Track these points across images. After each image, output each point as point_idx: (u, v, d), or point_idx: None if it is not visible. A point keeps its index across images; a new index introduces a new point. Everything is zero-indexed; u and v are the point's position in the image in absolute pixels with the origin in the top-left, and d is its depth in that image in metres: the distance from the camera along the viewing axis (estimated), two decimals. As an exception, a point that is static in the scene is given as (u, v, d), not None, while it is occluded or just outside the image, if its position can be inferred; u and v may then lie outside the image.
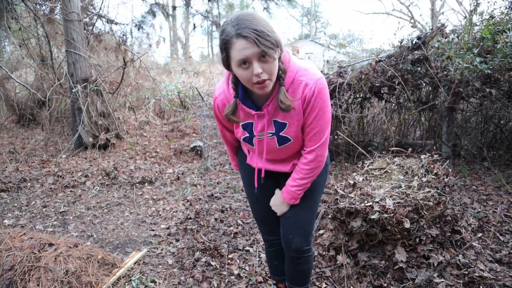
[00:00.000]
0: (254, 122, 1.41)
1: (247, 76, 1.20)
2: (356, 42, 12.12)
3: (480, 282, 1.88)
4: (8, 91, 6.80)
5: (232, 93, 1.36)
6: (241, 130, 1.46)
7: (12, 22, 5.62)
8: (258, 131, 1.42)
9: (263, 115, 1.38)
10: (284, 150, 1.47)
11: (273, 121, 1.40)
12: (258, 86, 1.22)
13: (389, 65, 3.96)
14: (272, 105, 1.35)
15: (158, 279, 2.19)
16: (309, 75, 1.31)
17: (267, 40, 1.14)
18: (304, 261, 1.61)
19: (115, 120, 5.34)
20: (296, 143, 1.45)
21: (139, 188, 3.86)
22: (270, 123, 1.40)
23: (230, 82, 1.38)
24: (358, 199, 2.12)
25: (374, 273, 2.02)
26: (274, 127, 1.40)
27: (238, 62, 1.18)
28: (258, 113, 1.37)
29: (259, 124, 1.41)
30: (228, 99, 1.39)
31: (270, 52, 1.16)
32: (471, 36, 3.73)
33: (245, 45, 1.14)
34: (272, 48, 1.16)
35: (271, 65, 1.19)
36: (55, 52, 6.13)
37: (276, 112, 1.37)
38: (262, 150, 1.47)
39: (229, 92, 1.39)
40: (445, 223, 2.13)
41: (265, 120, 1.38)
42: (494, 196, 3.17)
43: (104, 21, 6.79)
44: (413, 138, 4.78)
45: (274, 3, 7.82)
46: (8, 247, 2.10)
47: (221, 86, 1.44)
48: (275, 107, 1.35)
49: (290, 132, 1.40)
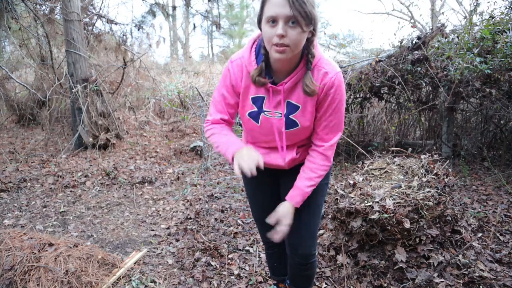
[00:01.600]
0: (265, 97, 1.35)
1: (270, 34, 1.17)
2: (356, 42, 12.15)
3: (480, 282, 1.88)
4: (8, 91, 6.80)
5: (253, 60, 1.32)
6: (250, 103, 1.38)
7: (12, 22, 5.62)
8: (268, 107, 1.36)
9: (278, 92, 1.32)
10: (288, 136, 1.41)
11: (286, 102, 1.34)
12: (276, 48, 1.18)
13: (389, 65, 3.96)
14: (290, 84, 1.31)
15: (158, 279, 2.19)
16: (331, 66, 1.30)
17: (302, 7, 1.12)
18: (310, 266, 1.58)
19: (115, 120, 5.34)
20: (302, 131, 1.39)
21: (139, 188, 3.86)
22: (283, 103, 1.34)
23: (252, 50, 1.34)
24: (358, 199, 2.12)
25: (374, 273, 2.02)
26: (286, 108, 1.35)
27: (267, 18, 1.17)
28: (274, 88, 1.32)
29: (272, 101, 1.35)
30: (246, 65, 1.34)
31: (300, 20, 1.13)
32: (471, 36, 3.73)
33: (279, 2, 1.13)
34: (304, 18, 1.13)
35: (297, 35, 1.15)
36: (55, 52, 6.13)
37: (292, 92, 1.33)
38: (269, 128, 1.40)
39: (249, 59, 1.33)
40: (445, 223, 2.13)
41: (280, 97, 1.33)
42: (494, 196, 3.17)
43: (104, 21, 6.79)
44: (413, 138, 4.78)
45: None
46: (8, 247, 2.10)
47: (240, 52, 1.39)
48: (292, 86, 1.31)
49: (300, 117, 1.35)
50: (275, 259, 1.80)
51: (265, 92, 1.35)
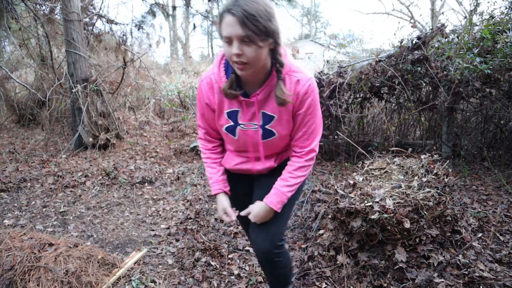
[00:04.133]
0: (240, 111, 1.37)
1: (228, 53, 1.20)
2: (356, 42, 12.16)
3: (480, 282, 1.88)
4: (8, 91, 6.80)
5: (223, 76, 1.33)
6: (225, 118, 1.40)
7: (12, 22, 5.62)
8: (243, 120, 1.39)
9: (251, 104, 1.35)
10: (266, 146, 1.44)
11: (261, 113, 1.37)
12: (236, 66, 1.21)
13: (389, 65, 3.96)
14: (262, 95, 1.33)
15: (158, 279, 2.19)
16: (302, 73, 1.32)
17: (254, 25, 1.12)
18: (277, 265, 1.53)
19: (115, 120, 5.34)
20: (279, 140, 1.42)
21: (139, 188, 3.86)
22: (258, 114, 1.36)
23: (221, 65, 1.35)
24: (358, 199, 2.12)
25: (374, 273, 2.02)
26: (261, 119, 1.37)
27: (223, 38, 1.19)
28: (247, 101, 1.34)
29: (246, 113, 1.37)
30: (217, 81, 1.36)
31: (253, 38, 1.13)
32: (471, 36, 3.73)
33: (231, 22, 1.13)
34: (258, 34, 1.13)
35: (253, 51, 1.16)
36: (55, 52, 6.13)
37: (266, 103, 1.35)
38: (246, 141, 1.43)
39: (219, 75, 1.35)
40: (445, 223, 2.13)
41: (254, 109, 1.35)
42: (494, 196, 3.17)
43: (104, 21, 6.78)
44: (413, 138, 4.78)
45: (274, 3, 7.80)
46: (8, 247, 2.10)
47: (210, 70, 1.40)
48: (265, 97, 1.33)
49: (277, 126, 1.37)
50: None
51: (239, 106, 1.37)
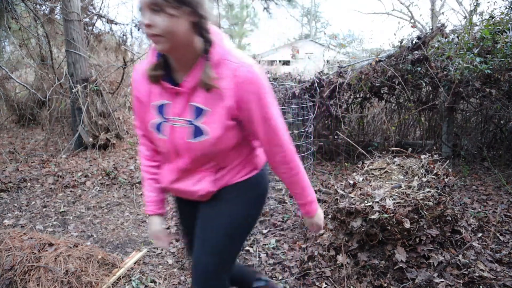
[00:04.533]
0: (171, 103, 1.14)
1: (143, 26, 1.03)
2: (356, 42, 12.16)
3: (480, 282, 1.88)
4: (8, 91, 6.81)
5: (154, 60, 1.15)
6: (152, 111, 1.18)
7: (12, 22, 5.62)
8: (172, 113, 1.14)
9: (180, 94, 1.12)
10: (194, 149, 1.14)
11: (191, 105, 1.12)
12: (152, 40, 1.05)
13: (389, 65, 3.96)
14: (192, 82, 1.09)
15: (158, 279, 2.19)
16: (241, 59, 1.09)
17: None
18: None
19: (115, 120, 5.34)
20: (212, 145, 1.12)
21: (139, 188, 3.86)
22: (187, 107, 1.12)
23: (155, 49, 1.16)
24: (358, 199, 2.12)
25: (374, 273, 2.02)
26: (191, 113, 1.12)
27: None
28: (174, 89, 1.11)
29: (176, 106, 1.13)
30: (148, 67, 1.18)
31: (160, 4, 0.98)
32: (471, 36, 3.73)
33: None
34: (168, 0, 0.98)
35: (164, 22, 0.99)
36: (55, 52, 6.13)
37: (195, 93, 1.11)
38: (175, 143, 1.16)
39: (151, 59, 1.16)
40: (445, 223, 2.13)
41: (184, 100, 1.12)
42: (494, 196, 3.17)
43: (104, 21, 6.79)
44: (413, 138, 4.78)
45: (274, 3, 7.82)
46: (8, 247, 2.10)
47: (146, 57, 1.22)
48: (195, 85, 1.09)
49: (209, 123, 1.10)
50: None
51: (169, 97, 1.14)
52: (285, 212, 3.05)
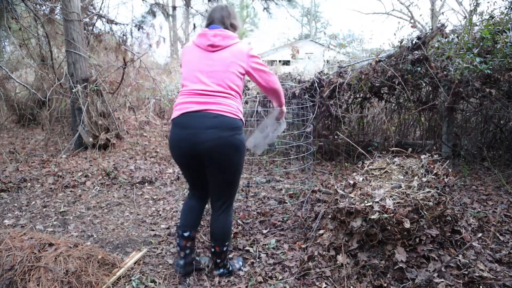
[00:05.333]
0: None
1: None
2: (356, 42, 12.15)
3: (480, 282, 1.88)
4: (8, 91, 6.81)
5: None
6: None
7: (12, 22, 5.62)
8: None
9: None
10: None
11: None
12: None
13: (389, 65, 3.96)
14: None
15: (158, 279, 2.19)
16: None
17: None
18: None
19: (115, 120, 5.34)
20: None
21: (139, 188, 3.86)
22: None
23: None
24: (358, 199, 2.12)
25: (374, 273, 2.02)
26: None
27: None
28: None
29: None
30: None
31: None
32: (471, 36, 3.73)
33: None
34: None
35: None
36: (55, 52, 6.13)
37: None
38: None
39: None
40: (445, 223, 2.13)
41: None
42: (494, 196, 3.17)
43: (104, 21, 6.78)
44: (413, 138, 4.78)
45: (274, 3, 7.82)
46: (8, 247, 2.10)
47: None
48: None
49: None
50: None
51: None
52: (285, 212, 3.05)
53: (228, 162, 1.89)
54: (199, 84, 1.88)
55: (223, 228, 2.05)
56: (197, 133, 1.82)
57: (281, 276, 2.16)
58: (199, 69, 1.90)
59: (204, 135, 1.81)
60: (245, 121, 4.88)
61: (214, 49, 1.91)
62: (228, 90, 1.89)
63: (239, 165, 1.97)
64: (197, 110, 1.83)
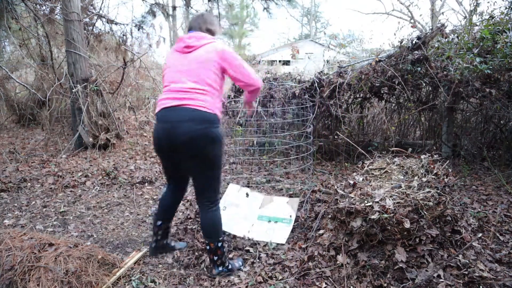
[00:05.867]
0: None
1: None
2: (356, 42, 12.15)
3: (480, 282, 1.88)
4: (8, 91, 6.81)
5: None
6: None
7: (12, 22, 5.62)
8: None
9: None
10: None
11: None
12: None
13: (389, 65, 3.96)
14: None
15: (158, 279, 2.19)
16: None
17: None
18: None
19: (115, 120, 5.34)
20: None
21: (139, 188, 3.86)
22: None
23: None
24: (358, 199, 2.12)
25: (374, 273, 2.02)
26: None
27: None
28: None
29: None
30: None
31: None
32: (471, 36, 3.73)
33: None
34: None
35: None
36: (55, 52, 6.13)
37: None
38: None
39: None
40: (445, 223, 2.13)
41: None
42: (494, 196, 3.17)
43: (104, 21, 6.79)
44: (413, 138, 4.78)
45: (274, 3, 7.82)
46: (8, 247, 2.10)
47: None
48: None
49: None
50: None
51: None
52: (285, 212, 3.05)
53: (204, 154, 2.00)
54: (177, 83, 2.04)
55: (212, 224, 2.14)
56: (175, 126, 1.96)
57: (281, 276, 2.16)
58: (177, 69, 2.07)
59: (180, 128, 1.95)
60: (245, 121, 4.85)
61: (189, 49, 2.07)
62: (204, 87, 2.01)
63: (216, 158, 2.05)
64: (175, 105, 1.99)
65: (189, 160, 2.04)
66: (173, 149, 2.02)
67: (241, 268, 2.27)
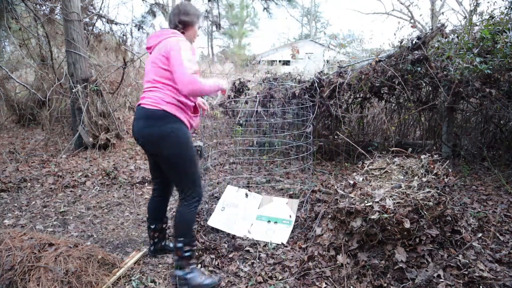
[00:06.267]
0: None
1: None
2: (356, 42, 12.13)
3: (480, 282, 1.88)
4: (8, 91, 6.81)
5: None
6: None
7: (12, 22, 5.62)
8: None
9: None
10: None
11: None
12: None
13: (389, 65, 3.96)
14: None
15: (158, 279, 2.19)
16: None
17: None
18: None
19: (115, 120, 5.34)
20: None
21: (139, 188, 3.86)
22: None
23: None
24: (358, 199, 2.12)
25: (374, 273, 2.02)
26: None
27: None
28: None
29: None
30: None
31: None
32: (471, 36, 3.73)
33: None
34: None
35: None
36: (55, 52, 6.13)
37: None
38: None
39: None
40: (445, 223, 2.13)
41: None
42: (494, 196, 3.17)
43: (104, 21, 6.79)
44: (413, 138, 4.78)
45: (274, 3, 7.83)
46: (8, 247, 2.10)
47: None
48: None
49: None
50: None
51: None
52: (285, 212, 3.05)
53: (158, 151, 2.00)
54: (145, 85, 2.12)
55: (179, 220, 2.07)
56: (133, 125, 2.07)
57: (281, 276, 2.16)
58: (146, 72, 2.12)
59: (134, 127, 2.05)
60: (245, 121, 4.85)
61: (150, 50, 2.10)
62: (155, 84, 2.01)
63: (173, 157, 1.99)
64: (138, 105, 2.08)
65: (154, 157, 2.10)
66: (143, 148, 2.12)
67: (209, 285, 2.05)
